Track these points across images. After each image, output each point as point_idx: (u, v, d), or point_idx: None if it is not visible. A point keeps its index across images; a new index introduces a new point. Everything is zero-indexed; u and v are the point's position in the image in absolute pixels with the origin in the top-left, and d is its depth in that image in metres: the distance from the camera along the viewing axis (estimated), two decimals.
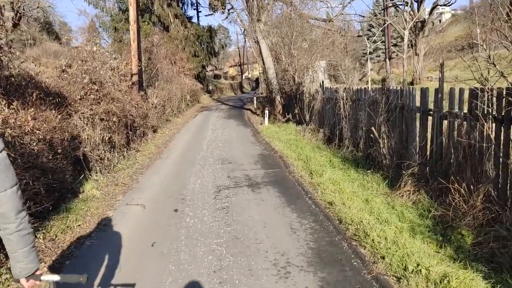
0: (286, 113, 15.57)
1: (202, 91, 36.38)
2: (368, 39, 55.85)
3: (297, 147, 10.61)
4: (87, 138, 8.29)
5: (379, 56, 53.22)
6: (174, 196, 7.09)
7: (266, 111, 17.00)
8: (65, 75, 10.19)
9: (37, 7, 34.46)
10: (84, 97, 9.39)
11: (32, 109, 6.12)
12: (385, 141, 7.10)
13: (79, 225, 5.64)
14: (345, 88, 9.64)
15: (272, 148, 11.31)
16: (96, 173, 8.12)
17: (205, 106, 31.19)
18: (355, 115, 9.19)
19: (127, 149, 10.82)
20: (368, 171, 7.32)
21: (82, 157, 7.37)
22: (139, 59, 15.56)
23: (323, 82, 11.87)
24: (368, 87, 8.95)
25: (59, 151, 6.15)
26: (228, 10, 39.82)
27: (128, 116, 11.26)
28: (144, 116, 13.98)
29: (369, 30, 56.32)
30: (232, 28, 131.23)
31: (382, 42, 55.66)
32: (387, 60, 31.82)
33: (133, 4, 14.34)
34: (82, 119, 8.75)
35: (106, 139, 9.16)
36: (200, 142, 13.41)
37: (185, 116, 23.48)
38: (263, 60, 19.73)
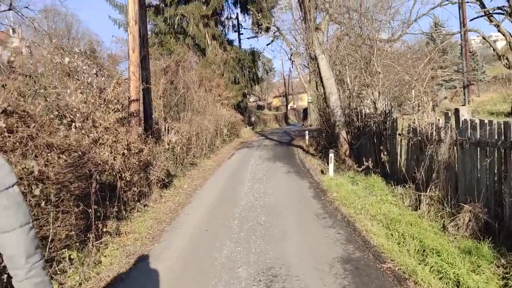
0: (364, 159, 10.04)
1: (243, 124, 31.34)
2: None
3: (427, 248, 5.01)
4: None
5: (440, 85, 46.56)
6: None
7: (331, 155, 11.45)
8: None
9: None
10: None
11: None
12: None
13: None
14: None
15: (366, 241, 5.75)
16: None
17: (246, 141, 26.00)
18: None
19: (84, 241, 5.58)
20: None
21: None
22: (146, 81, 10.60)
23: (457, 110, 6.31)
24: None
25: None
26: (274, 32, 35.34)
27: (94, 175, 6.06)
28: (144, 166, 8.86)
29: (430, 53, 49.93)
30: (277, 61, 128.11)
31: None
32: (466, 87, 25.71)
33: None
34: None
35: None
36: (229, 211, 8.03)
37: (219, 155, 18.31)
38: (322, 82, 14.39)
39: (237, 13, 34.10)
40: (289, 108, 63.51)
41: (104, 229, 6.14)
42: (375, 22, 13.17)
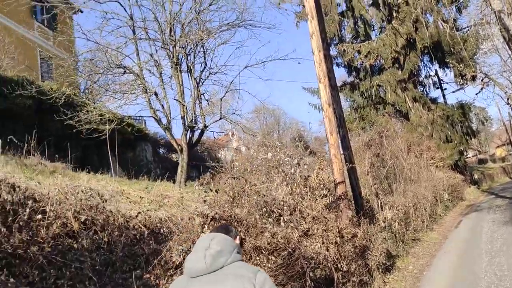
0: None
1: (465, 184, 28.06)
2: None
3: None
4: None
5: None
6: None
7: None
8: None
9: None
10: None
11: None
12: None
13: None
14: None
15: None
16: None
17: (472, 203, 23.00)
18: None
19: None
20: None
21: None
22: (349, 160, 10.33)
23: None
24: None
25: None
26: (481, 79, 32.17)
27: (307, 272, 5.75)
28: (361, 252, 8.27)
29: None
30: (493, 108, 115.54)
31: None
32: None
33: (325, 80, 9.56)
34: None
35: None
36: None
37: (444, 225, 16.40)
38: None
39: (436, 70, 32.28)
40: None
41: None
42: None
